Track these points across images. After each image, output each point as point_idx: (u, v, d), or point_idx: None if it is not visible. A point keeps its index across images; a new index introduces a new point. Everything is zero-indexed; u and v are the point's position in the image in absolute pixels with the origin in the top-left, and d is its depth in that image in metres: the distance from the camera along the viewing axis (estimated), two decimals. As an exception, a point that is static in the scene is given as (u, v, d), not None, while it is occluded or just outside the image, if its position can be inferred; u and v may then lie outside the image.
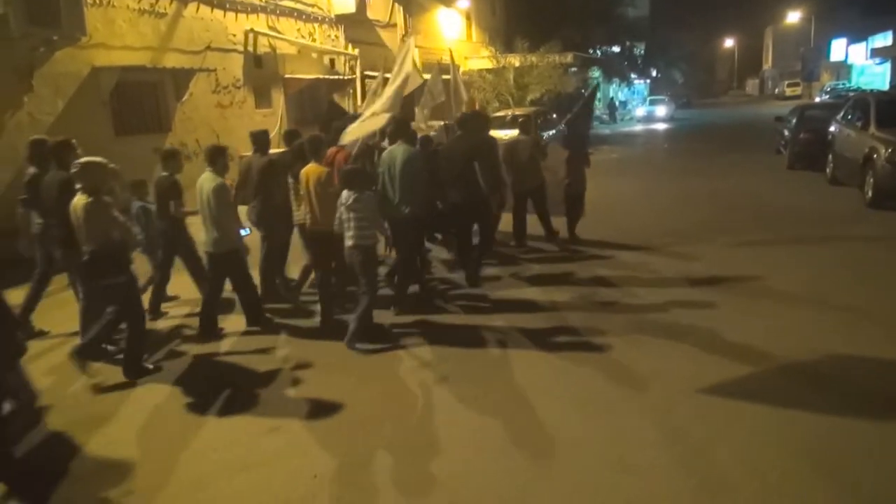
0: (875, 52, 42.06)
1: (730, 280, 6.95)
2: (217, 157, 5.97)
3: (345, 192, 5.65)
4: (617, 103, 41.11)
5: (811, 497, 3.36)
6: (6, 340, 4.04)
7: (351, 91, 17.71)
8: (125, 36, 11.15)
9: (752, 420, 4.11)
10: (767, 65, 78.60)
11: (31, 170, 6.15)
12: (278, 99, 14.96)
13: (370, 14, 18.64)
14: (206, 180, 5.84)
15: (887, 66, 40.59)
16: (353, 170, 5.86)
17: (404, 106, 7.23)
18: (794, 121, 15.65)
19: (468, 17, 25.96)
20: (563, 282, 7.20)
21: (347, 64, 17.66)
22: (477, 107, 23.87)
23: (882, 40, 41.25)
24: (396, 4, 20.18)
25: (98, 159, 5.28)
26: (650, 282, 7.05)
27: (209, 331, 6.05)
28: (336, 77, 16.93)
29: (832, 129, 12.81)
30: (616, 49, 39.24)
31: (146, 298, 6.22)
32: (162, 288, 6.75)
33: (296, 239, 6.90)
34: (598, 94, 41.92)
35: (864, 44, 44.92)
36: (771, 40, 76.15)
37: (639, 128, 33.41)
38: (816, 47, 56.36)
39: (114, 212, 5.09)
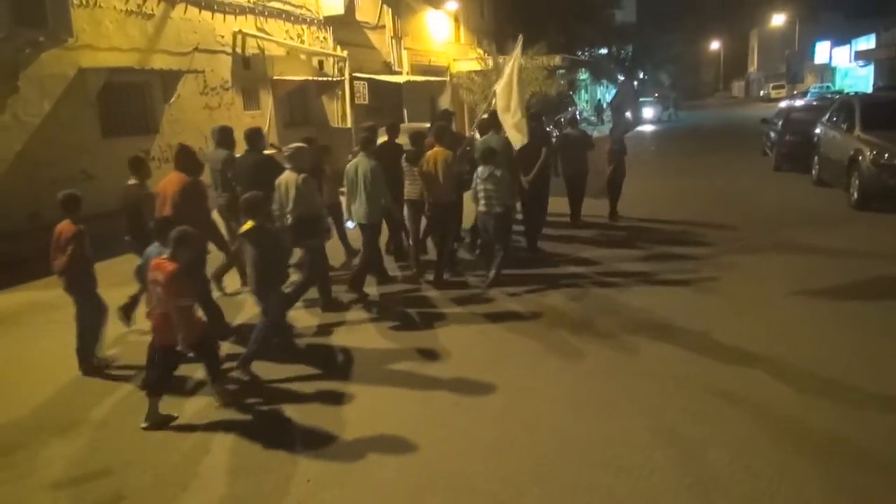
0: (859, 55, 42.49)
1: (717, 279, 7.01)
2: (368, 144, 7.00)
3: (481, 168, 6.91)
4: (604, 105, 41.29)
5: (805, 495, 3.38)
6: (278, 264, 5.17)
7: (339, 93, 17.67)
8: (112, 37, 11.07)
9: (745, 419, 4.15)
10: (753, 67, 79.21)
11: (221, 152, 7.08)
12: (267, 101, 14.90)
13: (359, 16, 18.62)
14: (361, 162, 6.78)
15: (870, 68, 41.03)
16: (492, 149, 7.08)
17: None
18: (779, 123, 15.78)
19: (456, 19, 25.96)
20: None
21: (336, 66, 17.62)
22: (465, 109, 23.93)
23: (865, 43, 41.66)
24: (385, 6, 20.16)
25: (304, 145, 6.53)
26: (644, 282, 7.10)
27: (358, 288, 7.01)
28: (325, 79, 16.89)
29: (818, 131, 12.92)
30: (604, 51, 39.42)
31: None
32: None
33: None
34: (586, 96, 42.10)
35: (847, 46, 45.37)
36: (756, 43, 76.73)
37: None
38: (801, 50, 56.83)
39: (315, 189, 6.27)
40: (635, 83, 40.23)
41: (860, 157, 10.21)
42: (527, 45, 24.40)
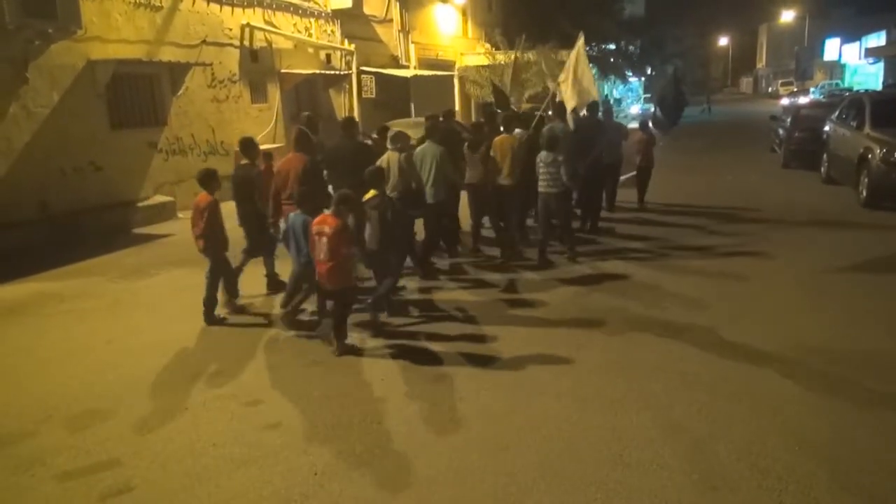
0: (869, 52, 42.19)
1: (726, 276, 7.00)
2: (434, 131, 7.80)
3: (545, 153, 7.61)
4: (611, 101, 41.04)
5: (813, 492, 3.38)
6: (396, 228, 6.10)
7: (346, 86, 17.65)
8: (121, 29, 11.08)
9: (753, 417, 4.14)
10: (761, 63, 78.80)
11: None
12: (274, 94, 14.90)
13: (366, 9, 18.56)
14: (430, 148, 7.51)
15: (880, 65, 40.73)
16: (556, 136, 7.85)
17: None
18: (788, 120, 15.71)
19: (464, 13, 25.88)
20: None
21: (343, 59, 17.59)
22: (472, 102, 23.87)
23: (876, 40, 41.36)
24: (393, 0, 20.11)
25: (404, 131, 7.65)
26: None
27: (430, 262, 7.82)
28: (332, 72, 16.88)
29: (827, 128, 12.86)
30: (612, 46, 39.21)
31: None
32: None
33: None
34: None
35: (857, 43, 45.05)
36: (765, 39, 76.34)
37: (633, 125, 33.43)
38: (810, 46, 56.52)
39: (415, 166, 7.20)
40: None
41: (870, 155, 10.16)
42: (537, 39, 24.46)
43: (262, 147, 8.01)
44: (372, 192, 6.00)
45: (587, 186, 9.16)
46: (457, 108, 22.88)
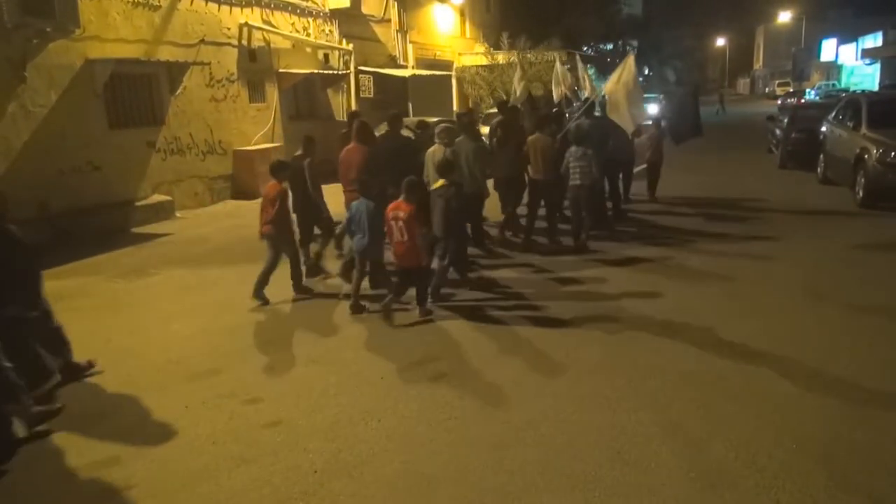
0: (865, 53, 42.35)
1: (722, 277, 7.02)
2: (470, 128, 8.23)
3: (573, 148, 8.02)
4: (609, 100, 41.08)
5: (810, 490, 3.40)
6: (460, 215, 6.69)
7: (344, 86, 17.66)
8: (119, 28, 11.07)
9: (751, 416, 4.16)
10: (758, 64, 78.96)
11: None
12: (272, 93, 14.90)
13: (365, 9, 18.58)
14: (465, 143, 7.81)
15: (877, 66, 40.88)
16: (586, 133, 8.21)
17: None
18: (785, 120, 15.74)
19: (462, 13, 25.92)
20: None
21: (342, 59, 17.61)
22: (470, 104, 23.89)
23: (872, 41, 41.54)
24: (391, 0, 20.13)
25: (450, 125, 8.05)
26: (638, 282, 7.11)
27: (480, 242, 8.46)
28: (330, 72, 16.88)
29: (824, 129, 12.90)
30: (609, 46, 39.33)
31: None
32: None
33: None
34: None
35: (854, 44, 45.23)
36: (762, 40, 76.47)
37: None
38: (807, 47, 56.68)
39: (460, 160, 7.49)
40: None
41: (866, 156, 10.19)
42: (536, 40, 24.52)
43: (260, 147, 8.06)
44: (440, 182, 6.49)
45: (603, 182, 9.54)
46: (454, 107, 22.91)
